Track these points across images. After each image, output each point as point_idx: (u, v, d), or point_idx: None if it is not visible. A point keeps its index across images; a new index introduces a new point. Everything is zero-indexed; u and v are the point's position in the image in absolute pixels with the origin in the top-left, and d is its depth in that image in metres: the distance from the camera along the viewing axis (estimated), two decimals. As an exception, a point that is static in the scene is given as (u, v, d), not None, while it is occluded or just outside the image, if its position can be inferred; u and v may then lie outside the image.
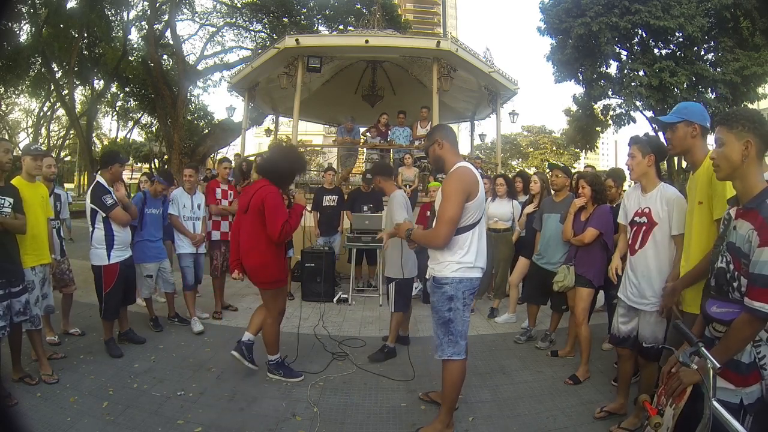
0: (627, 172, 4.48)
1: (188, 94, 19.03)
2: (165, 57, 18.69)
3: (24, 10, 15.76)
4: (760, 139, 1.60)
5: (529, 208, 4.71)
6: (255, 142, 29.89)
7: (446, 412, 2.63)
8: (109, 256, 3.75)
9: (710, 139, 2.26)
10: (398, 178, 7.50)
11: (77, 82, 20.36)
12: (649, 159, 2.59)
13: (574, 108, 21.30)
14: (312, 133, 27.52)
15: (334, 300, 5.74)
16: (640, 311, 2.57)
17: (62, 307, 4.22)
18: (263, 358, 3.45)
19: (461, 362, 2.59)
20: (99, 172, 3.93)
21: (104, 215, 3.73)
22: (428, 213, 5.88)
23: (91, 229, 3.80)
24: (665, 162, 14.76)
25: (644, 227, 2.56)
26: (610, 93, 17.42)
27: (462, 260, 2.50)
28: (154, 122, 23.79)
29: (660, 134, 16.43)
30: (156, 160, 24.58)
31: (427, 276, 2.74)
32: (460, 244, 2.50)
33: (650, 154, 2.59)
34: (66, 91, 19.90)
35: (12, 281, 2.91)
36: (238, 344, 3.41)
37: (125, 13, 18.40)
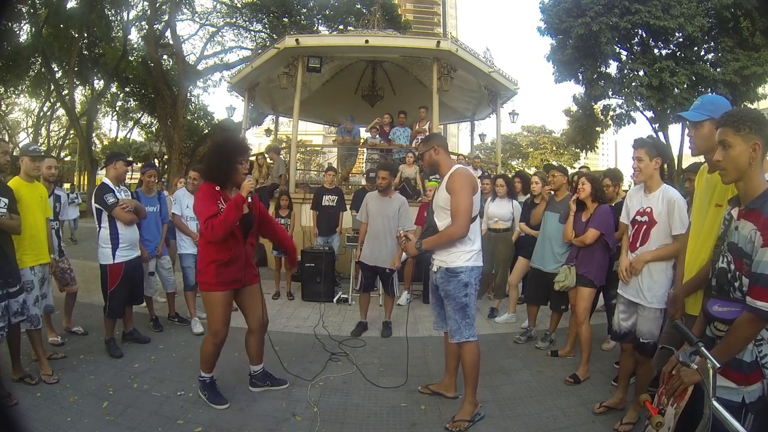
0: (631, 174, 4.50)
1: (188, 94, 19.05)
2: (165, 57, 18.70)
3: (24, 10, 15.77)
4: (765, 140, 1.60)
5: (540, 209, 4.47)
6: (255, 142, 29.90)
7: (471, 393, 2.83)
8: (113, 255, 3.77)
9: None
10: (399, 176, 7.54)
11: (77, 82, 20.36)
12: (656, 162, 2.63)
13: (574, 108, 21.28)
14: (312, 133, 27.53)
15: (334, 300, 5.74)
16: (639, 306, 2.63)
17: (65, 305, 4.22)
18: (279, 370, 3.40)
19: (476, 343, 2.85)
20: (104, 169, 3.94)
21: (108, 213, 3.76)
22: (426, 213, 5.88)
23: (98, 228, 3.83)
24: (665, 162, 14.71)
25: (645, 226, 2.62)
26: (610, 93, 17.39)
27: (472, 249, 2.78)
28: (154, 122, 23.81)
29: (660, 134, 16.45)
30: (156, 160, 24.56)
31: (434, 269, 2.86)
32: (469, 235, 2.74)
33: (657, 158, 2.63)
34: (66, 91, 19.91)
35: (9, 281, 2.90)
36: (250, 379, 3.26)
37: (125, 13, 18.44)
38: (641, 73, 15.90)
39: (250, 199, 2.85)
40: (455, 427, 2.72)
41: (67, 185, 20.07)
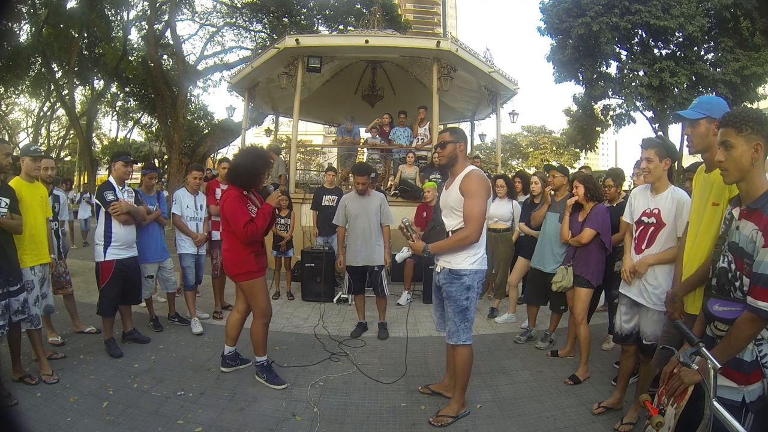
0: (631, 174, 4.49)
1: (188, 94, 18.99)
2: (165, 57, 18.66)
3: (24, 10, 15.76)
4: (767, 140, 1.60)
5: (542, 212, 4.38)
6: (255, 142, 29.88)
7: (460, 393, 2.85)
8: (105, 252, 3.78)
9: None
10: (398, 176, 7.55)
11: (77, 82, 20.37)
12: (665, 163, 2.59)
13: (574, 108, 21.30)
14: (312, 133, 27.55)
15: (334, 300, 5.74)
16: (642, 308, 2.61)
17: (68, 308, 4.22)
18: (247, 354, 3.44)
19: (471, 347, 2.83)
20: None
21: (105, 211, 3.78)
22: (424, 214, 5.87)
23: (96, 225, 3.85)
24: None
25: (652, 228, 2.58)
26: (610, 93, 17.42)
27: (478, 252, 2.76)
28: (154, 122, 23.77)
29: (660, 134, 16.45)
30: (156, 160, 24.59)
31: (438, 269, 2.84)
32: None
33: (667, 158, 2.59)
34: (66, 91, 19.91)
35: (9, 280, 2.91)
36: (223, 359, 3.55)
37: (125, 13, 18.41)
38: (641, 73, 15.91)
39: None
40: (438, 421, 2.76)
41: (74, 186, 20.01)
